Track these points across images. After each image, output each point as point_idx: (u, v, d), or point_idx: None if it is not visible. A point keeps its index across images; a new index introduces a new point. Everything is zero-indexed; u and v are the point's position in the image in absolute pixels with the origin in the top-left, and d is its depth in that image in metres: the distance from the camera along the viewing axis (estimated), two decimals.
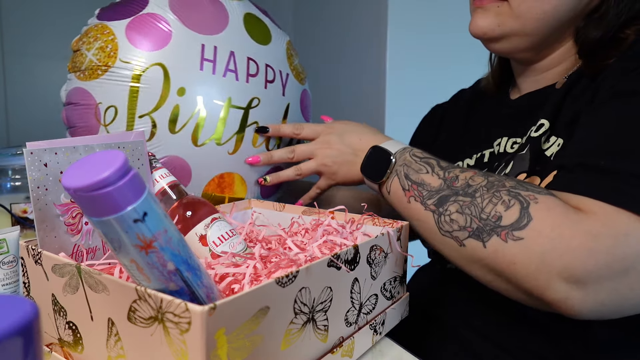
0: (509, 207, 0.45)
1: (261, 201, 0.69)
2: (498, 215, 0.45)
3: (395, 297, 0.55)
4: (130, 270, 0.32)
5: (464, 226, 0.47)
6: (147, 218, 0.29)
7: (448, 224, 0.49)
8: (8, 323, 0.18)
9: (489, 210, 0.46)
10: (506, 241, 0.44)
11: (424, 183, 0.53)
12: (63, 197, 0.45)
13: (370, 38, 1.64)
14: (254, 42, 0.70)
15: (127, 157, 0.28)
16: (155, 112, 0.62)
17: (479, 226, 0.46)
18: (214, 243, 0.49)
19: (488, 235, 0.45)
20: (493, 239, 0.45)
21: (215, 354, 0.30)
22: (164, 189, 0.52)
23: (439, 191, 0.51)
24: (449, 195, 0.50)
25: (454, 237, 0.48)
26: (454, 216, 0.48)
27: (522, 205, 0.44)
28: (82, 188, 0.27)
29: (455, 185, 0.50)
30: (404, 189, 0.55)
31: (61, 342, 0.41)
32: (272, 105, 0.71)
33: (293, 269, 0.38)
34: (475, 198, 0.48)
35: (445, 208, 0.49)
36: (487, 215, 0.46)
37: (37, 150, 0.43)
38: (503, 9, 0.57)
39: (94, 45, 0.63)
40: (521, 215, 0.44)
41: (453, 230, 0.48)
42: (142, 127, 0.62)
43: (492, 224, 0.45)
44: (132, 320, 0.33)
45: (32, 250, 0.42)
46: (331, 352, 0.43)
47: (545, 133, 0.56)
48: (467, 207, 0.48)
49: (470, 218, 0.47)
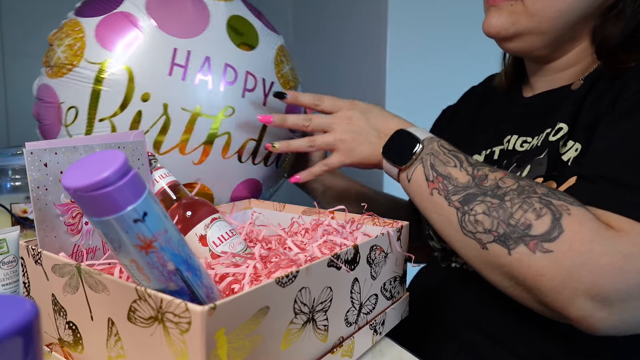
0: (540, 216, 0.43)
1: (261, 201, 0.69)
2: (528, 224, 0.44)
3: (395, 297, 0.55)
4: (130, 270, 0.32)
5: (490, 229, 0.45)
6: (147, 218, 0.29)
7: (472, 225, 0.47)
8: (8, 323, 0.18)
9: (518, 216, 0.44)
10: (534, 252, 0.43)
11: (451, 177, 0.51)
12: (63, 197, 0.45)
13: (370, 37, 1.64)
14: (235, 47, 0.66)
15: (127, 157, 0.28)
16: (116, 116, 0.60)
17: (505, 232, 0.44)
18: (213, 243, 0.49)
19: (515, 243, 0.44)
20: (520, 248, 0.43)
21: (215, 354, 0.30)
22: (164, 189, 0.52)
23: (466, 188, 0.49)
24: (477, 195, 0.48)
25: (477, 239, 0.47)
26: (479, 217, 0.46)
27: (554, 216, 0.43)
28: (82, 188, 0.27)
29: (484, 184, 0.48)
30: (428, 180, 0.52)
31: (61, 342, 0.41)
32: (249, 115, 0.67)
33: (293, 269, 0.38)
34: (504, 201, 0.46)
35: (471, 207, 0.47)
36: (516, 221, 0.44)
37: (37, 150, 0.43)
38: (517, 7, 0.57)
39: (64, 42, 0.62)
40: (552, 226, 0.42)
41: (477, 232, 0.47)
42: (102, 132, 0.60)
43: (520, 232, 0.44)
44: (132, 320, 0.33)
45: (32, 250, 0.42)
46: (331, 352, 0.43)
47: (564, 137, 0.55)
48: (494, 210, 0.46)
49: (498, 222, 0.45)
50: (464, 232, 0.48)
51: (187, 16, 0.64)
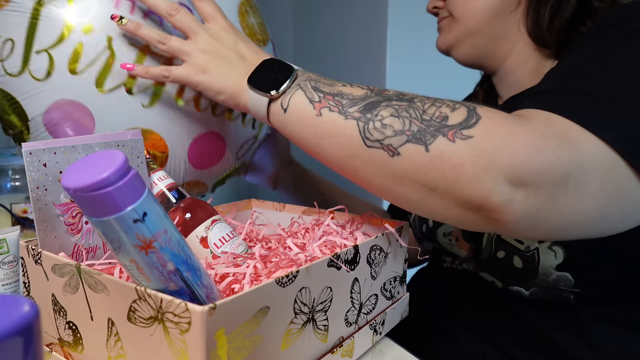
0: (455, 109, 0.41)
1: (261, 201, 0.69)
2: (444, 116, 0.41)
3: (395, 297, 0.55)
4: (130, 270, 0.32)
5: (402, 130, 0.41)
6: (147, 218, 0.29)
7: (378, 131, 0.41)
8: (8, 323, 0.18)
9: (432, 111, 0.41)
10: (454, 141, 0.39)
11: (344, 93, 0.45)
12: (63, 197, 0.45)
13: (370, 37, 1.64)
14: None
15: (127, 157, 0.28)
16: (54, 48, 0.55)
17: (420, 128, 0.40)
18: (215, 245, 0.49)
19: (432, 137, 0.40)
20: (439, 141, 0.40)
21: (215, 354, 0.30)
22: (163, 191, 0.52)
23: (365, 98, 0.44)
24: (380, 102, 0.43)
25: (384, 146, 0.41)
26: (387, 120, 0.41)
27: (468, 108, 0.41)
28: (81, 188, 0.27)
29: (386, 93, 0.44)
30: (313, 101, 0.46)
31: (61, 342, 0.41)
32: None
33: (293, 269, 0.38)
34: (414, 103, 0.42)
35: (374, 113, 0.42)
36: (430, 116, 0.41)
37: (36, 150, 0.43)
38: (449, 20, 0.65)
39: None
40: (469, 114, 0.40)
41: (385, 138, 0.41)
42: (38, 65, 0.55)
43: (437, 124, 0.40)
44: (132, 320, 0.33)
45: (32, 250, 0.42)
46: (331, 352, 0.43)
47: None
48: (404, 110, 0.42)
49: (410, 120, 0.41)
50: (368, 144, 0.42)
51: None
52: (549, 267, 0.52)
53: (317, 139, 0.45)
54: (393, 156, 0.41)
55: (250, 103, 0.51)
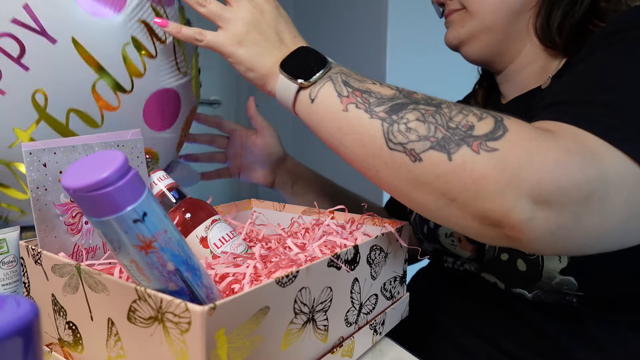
0: (482, 119, 0.40)
1: (261, 201, 0.69)
2: (470, 125, 0.40)
3: (395, 297, 0.55)
4: (130, 271, 0.32)
5: (426, 135, 0.40)
6: (146, 218, 0.29)
7: (402, 134, 0.41)
8: (8, 323, 0.18)
9: (458, 119, 0.40)
10: (478, 152, 0.38)
11: (372, 91, 0.45)
12: (63, 197, 0.45)
13: (370, 36, 1.64)
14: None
15: (127, 157, 0.28)
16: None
17: (445, 135, 0.40)
18: (215, 245, 0.49)
19: (456, 146, 0.39)
20: (462, 150, 0.39)
21: (215, 354, 0.30)
22: (163, 191, 0.52)
23: (392, 99, 0.43)
24: (407, 104, 0.43)
25: (407, 150, 0.41)
26: (412, 124, 0.41)
27: (495, 119, 0.40)
28: (81, 188, 0.27)
29: (415, 96, 0.44)
30: (341, 95, 0.45)
31: (61, 342, 0.41)
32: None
33: (293, 269, 0.38)
34: (441, 108, 0.42)
35: (400, 116, 0.42)
36: (456, 124, 0.40)
37: (36, 150, 0.43)
38: (462, 14, 0.63)
39: None
40: (496, 126, 0.39)
41: (409, 142, 0.41)
42: None
43: (462, 133, 0.40)
44: (132, 320, 0.33)
45: (32, 250, 0.42)
46: (331, 352, 0.43)
47: None
48: (430, 116, 0.41)
49: (435, 127, 0.40)
50: (390, 147, 0.42)
51: None
52: (553, 271, 0.52)
53: (341, 134, 0.45)
54: (415, 161, 0.41)
55: (278, 87, 0.50)
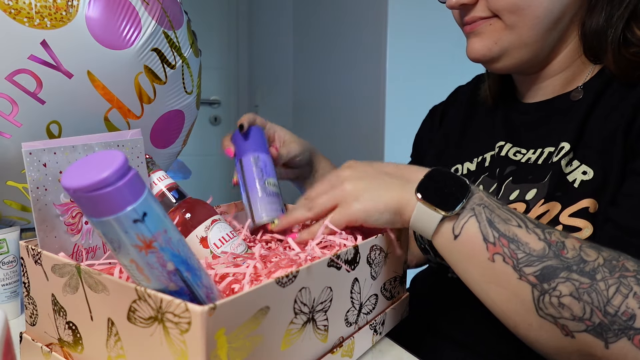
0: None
1: None
2: (631, 313, 0.37)
3: (395, 297, 0.55)
4: (130, 271, 0.32)
5: (581, 317, 0.38)
6: (146, 218, 0.29)
7: (555, 308, 0.39)
8: None
9: (617, 303, 0.38)
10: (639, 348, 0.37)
11: (519, 241, 0.41)
12: (63, 197, 0.45)
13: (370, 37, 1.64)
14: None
15: (127, 157, 0.28)
16: None
17: (602, 322, 0.38)
18: (215, 245, 0.49)
19: (615, 337, 0.37)
20: (621, 342, 0.37)
21: (215, 354, 0.30)
22: (163, 191, 0.52)
23: (542, 258, 0.40)
24: (558, 269, 0.40)
25: (559, 325, 0.39)
26: (565, 300, 0.39)
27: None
28: (81, 188, 0.27)
29: (565, 255, 0.40)
30: (487, 241, 0.42)
31: (61, 342, 0.41)
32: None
33: (293, 269, 0.38)
34: (596, 281, 0.39)
35: (552, 286, 0.39)
36: (615, 309, 0.38)
37: (36, 150, 0.43)
38: (496, 25, 0.55)
39: None
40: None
41: (561, 317, 0.39)
42: None
43: (621, 323, 0.37)
44: (132, 320, 0.33)
45: (32, 250, 0.42)
46: (331, 352, 0.43)
47: (566, 155, 0.52)
48: (586, 293, 0.38)
49: (591, 309, 0.38)
50: (540, 314, 0.40)
51: None
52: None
53: (485, 283, 0.43)
54: (566, 336, 0.39)
55: (415, 216, 0.45)
